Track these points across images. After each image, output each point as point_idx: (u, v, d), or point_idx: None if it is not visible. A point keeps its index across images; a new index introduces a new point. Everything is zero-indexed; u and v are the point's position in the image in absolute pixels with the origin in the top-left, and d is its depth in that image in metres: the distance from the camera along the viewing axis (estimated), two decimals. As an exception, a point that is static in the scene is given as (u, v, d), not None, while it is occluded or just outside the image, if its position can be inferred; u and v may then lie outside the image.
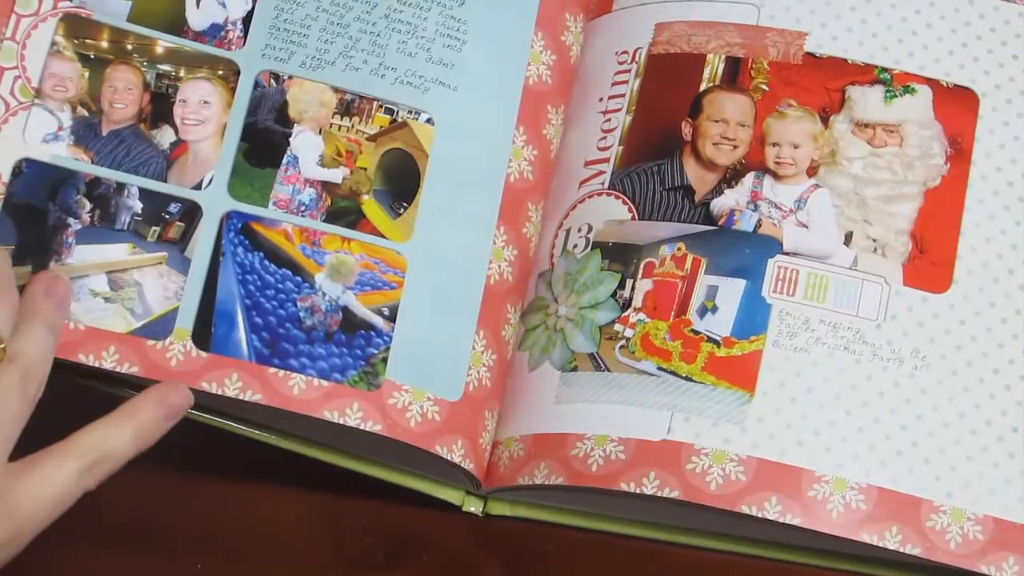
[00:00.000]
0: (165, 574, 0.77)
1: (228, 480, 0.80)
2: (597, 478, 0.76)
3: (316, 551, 0.79)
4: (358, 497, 0.80)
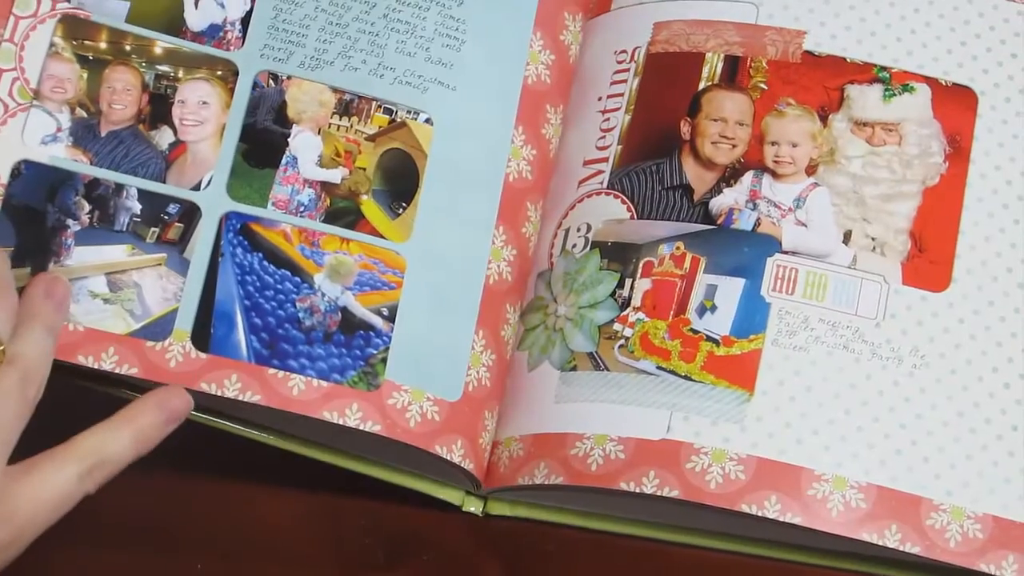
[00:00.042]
0: (165, 574, 0.77)
1: (228, 480, 0.80)
2: (597, 478, 0.76)
3: (316, 551, 0.79)
4: (358, 497, 0.80)
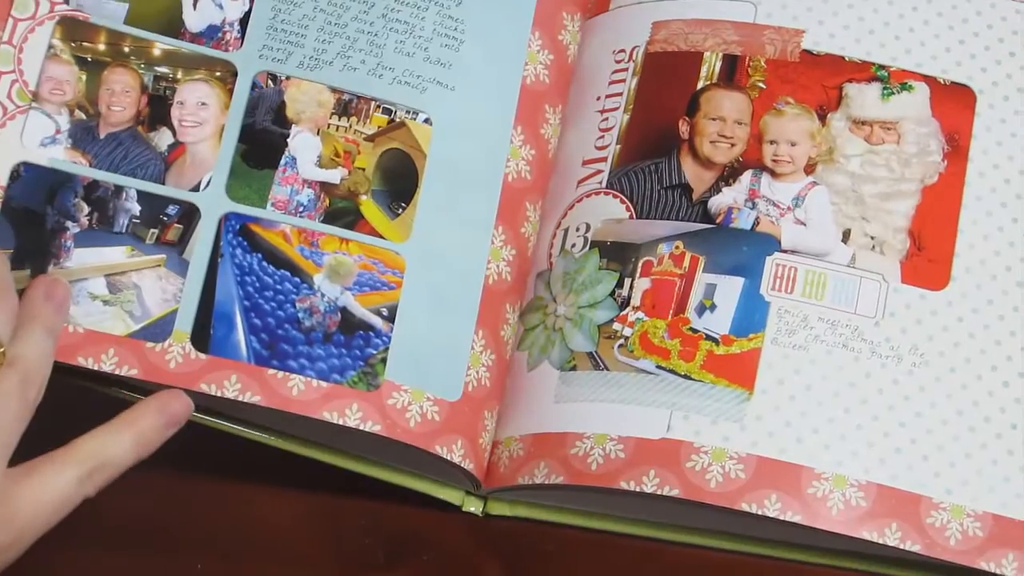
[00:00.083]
0: (165, 575, 0.77)
1: (228, 481, 0.80)
2: (597, 477, 0.76)
3: (316, 551, 0.79)
4: (357, 497, 0.80)
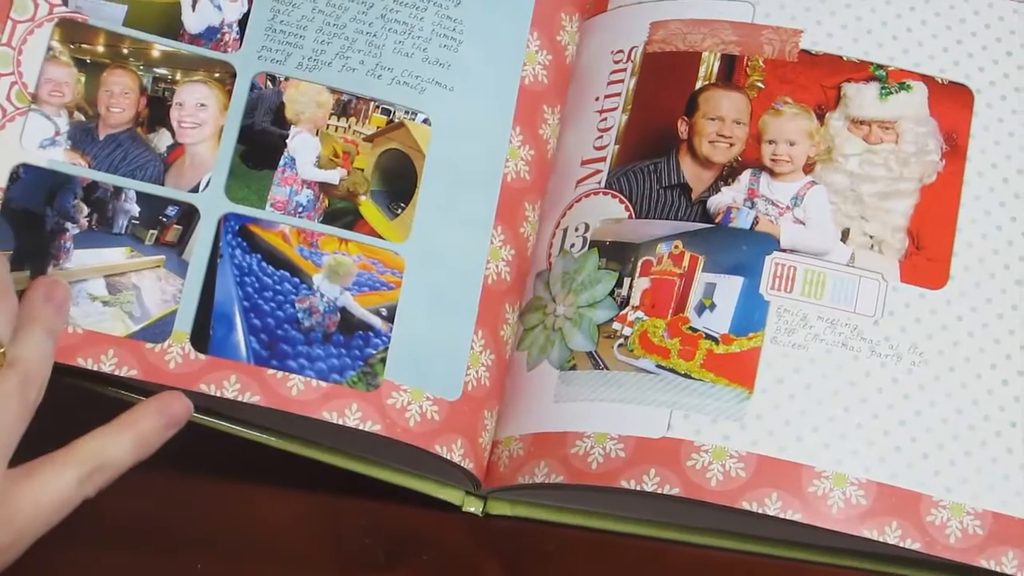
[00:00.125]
0: (165, 575, 0.77)
1: (227, 481, 0.80)
2: (597, 476, 0.76)
3: (315, 551, 0.79)
4: (357, 497, 0.80)
